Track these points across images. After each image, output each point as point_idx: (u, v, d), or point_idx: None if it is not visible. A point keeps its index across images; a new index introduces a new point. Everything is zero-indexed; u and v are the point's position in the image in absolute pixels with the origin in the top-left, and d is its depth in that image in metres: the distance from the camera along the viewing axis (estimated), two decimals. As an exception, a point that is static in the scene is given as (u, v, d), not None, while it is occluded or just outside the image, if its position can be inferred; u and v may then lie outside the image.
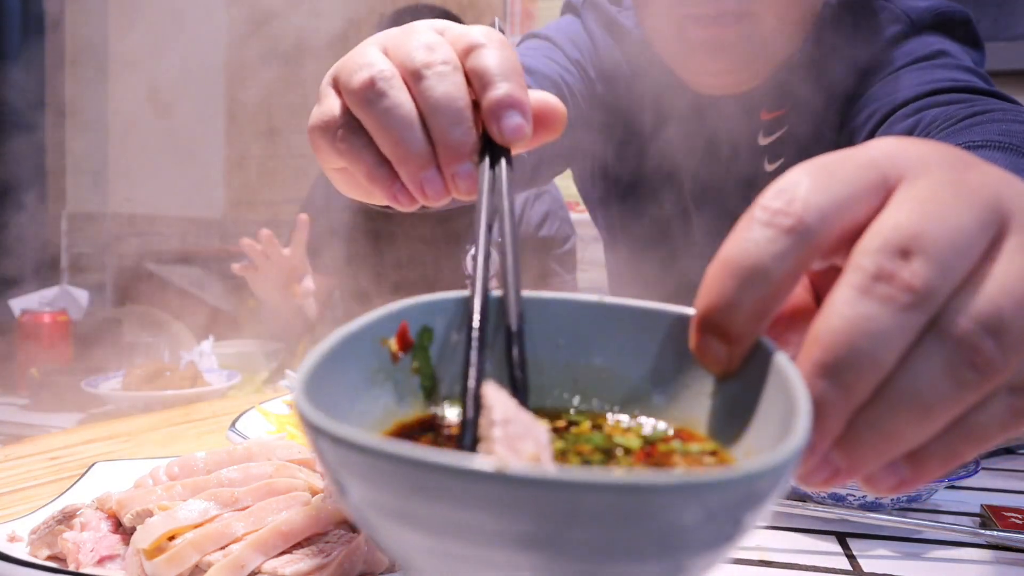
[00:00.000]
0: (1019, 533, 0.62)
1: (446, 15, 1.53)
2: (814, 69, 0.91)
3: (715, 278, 0.26)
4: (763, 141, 0.94)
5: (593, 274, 2.34)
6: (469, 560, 0.21)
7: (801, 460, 0.24)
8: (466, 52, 0.39)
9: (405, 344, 0.31)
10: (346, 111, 0.40)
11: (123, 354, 1.37)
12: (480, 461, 0.19)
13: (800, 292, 0.29)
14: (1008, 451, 0.96)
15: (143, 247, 2.68)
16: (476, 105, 0.39)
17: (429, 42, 0.39)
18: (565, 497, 0.19)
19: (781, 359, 0.26)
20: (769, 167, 0.93)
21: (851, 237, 0.26)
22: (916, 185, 0.26)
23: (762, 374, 0.26)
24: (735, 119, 0.96)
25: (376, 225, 1.66)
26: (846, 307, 0.24)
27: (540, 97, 0.41)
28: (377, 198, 0.42)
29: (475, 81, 0.38)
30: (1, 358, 1.33)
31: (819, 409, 0.24)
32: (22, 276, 1.91)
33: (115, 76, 2.69)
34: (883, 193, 0.26)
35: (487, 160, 0.37)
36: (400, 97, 0.38)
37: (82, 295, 1.59)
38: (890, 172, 0.26)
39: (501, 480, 0.19)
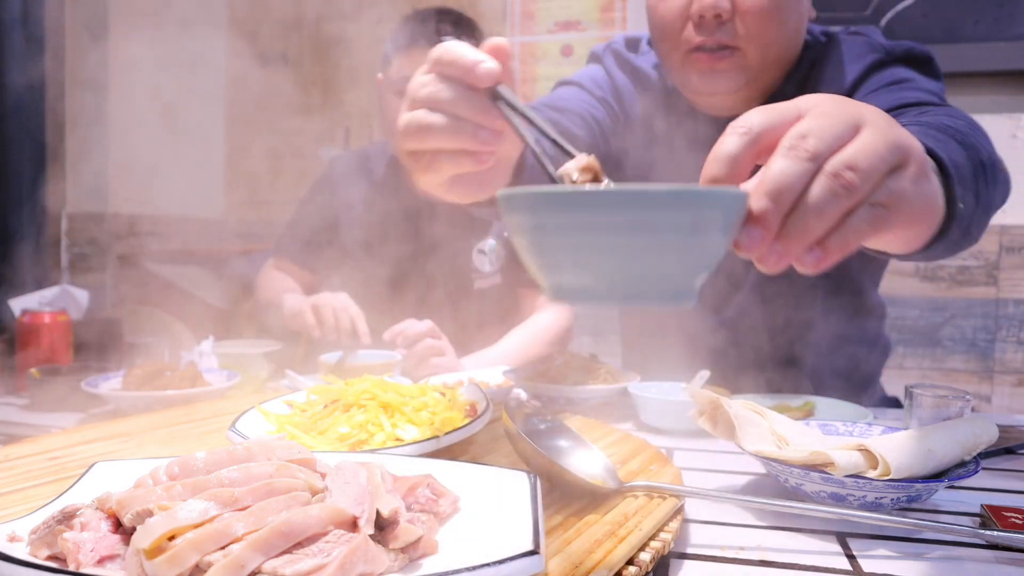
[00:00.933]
0: (1019, 533, 0.62)
1: (460, 18, 1.55)
2: (805, 91, 1.04)
3: (708, 163, 0.47)
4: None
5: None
6: (595, 247, 0.43)
7: (749, 238, 0.45)
8: (447, 66, 0.61)
9: None
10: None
11: (123, 354, 1.37)
12: (596, 186, 0.51)
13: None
14: (1008, 451, 0.96)
15: (143, 247, 2.68)
16: (494, 95, 0.60)
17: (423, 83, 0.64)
18: (636, 198, 0.42)
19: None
20: None
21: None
22: (815, 110, 0.48)
23: None
24: None
25: (381, 224, 1.66)
26: (775, 163, 0.45)
27: (488, 47, 0.61)
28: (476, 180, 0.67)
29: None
30: (1, 358, 1.33)
31: (764, 217, 0.45)
32: (22, 276, 1.90)
33: (115, 76, 2.69)
34: (798, 118, 0.48)
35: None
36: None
37: (82, 295, 1.59)
38: (803, 108, 0.49)
39: (608, 192, 0.42)
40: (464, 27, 1.51)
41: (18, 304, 1.46)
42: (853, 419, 0.96)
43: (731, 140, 0.47)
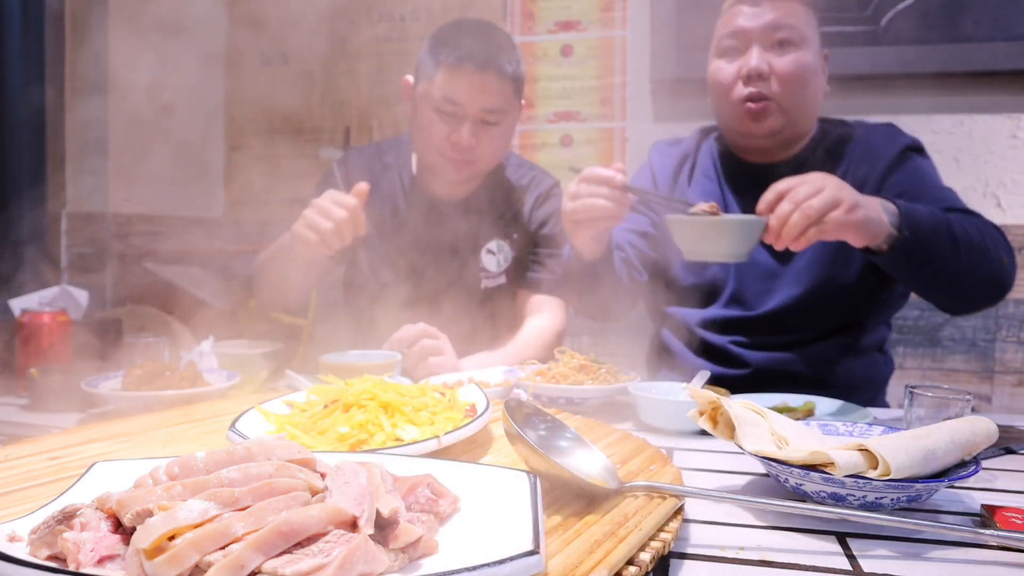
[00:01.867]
0: (1019, 533, 0.62)
1: (502, 37, 1.56)
2: (833, 157, 1.49)
3: (758, 204, 1.15)
4: None
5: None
6: (707, 236, 1.16)
7: (768, 236, 1.13)
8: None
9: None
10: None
11: (123, 354, 1.37)
12: (709, 215, 1.22)
13: None
14: (1008, 451, 0.96)
15: (143, 247, 2.68)
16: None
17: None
18: (723, 221, 1.17)
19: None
20: None
21: None
22: (806, 180, 1.13)
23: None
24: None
25: (395, 220, 1.67)
26: (781, 205, 1.11)
27: (614, 166, 1.25)
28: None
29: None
30: (1, 358, 1.33)
31: (774, 228, 1.11)
32: (22, 276, 1.90)
33: (115, 76, 2.69)
34: (800, 184, 1.12)
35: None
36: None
37: (82, 295, 1.59)
38: (802, 179, 1.13)
39: (711, 219, 1.17)
40: (506, 47, 1.54)
41: (18, 304, 1.46)
42: (853, 419, 0.96)
43: (768, 193, 1.13)
